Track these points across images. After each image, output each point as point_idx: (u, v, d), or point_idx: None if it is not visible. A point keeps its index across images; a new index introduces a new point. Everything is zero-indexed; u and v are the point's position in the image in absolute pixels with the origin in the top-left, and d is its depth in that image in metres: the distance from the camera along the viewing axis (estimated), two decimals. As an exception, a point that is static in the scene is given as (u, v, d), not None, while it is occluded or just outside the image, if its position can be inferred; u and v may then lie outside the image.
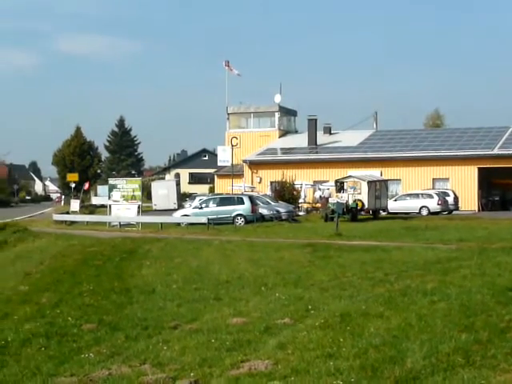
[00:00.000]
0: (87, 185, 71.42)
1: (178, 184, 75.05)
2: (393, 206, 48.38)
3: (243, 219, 42.54)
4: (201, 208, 44.59)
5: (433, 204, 48.31)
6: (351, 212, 42.81)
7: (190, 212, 45.34)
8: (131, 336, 11.81)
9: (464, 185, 54.60)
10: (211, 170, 77.03)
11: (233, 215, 42.89)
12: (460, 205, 51.82)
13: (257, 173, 62.41)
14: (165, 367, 9.50)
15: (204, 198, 49.06)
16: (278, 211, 45.39)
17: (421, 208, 48.13)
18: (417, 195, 50.12)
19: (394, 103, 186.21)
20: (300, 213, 51.09)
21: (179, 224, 43.50)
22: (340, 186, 45.99)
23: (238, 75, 70.63)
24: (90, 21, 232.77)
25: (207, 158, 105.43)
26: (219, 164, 66.60)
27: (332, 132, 67.19)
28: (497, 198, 56.77)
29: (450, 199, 50.47)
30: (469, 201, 53.69)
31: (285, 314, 12.74)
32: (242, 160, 62.65)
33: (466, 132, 61.69)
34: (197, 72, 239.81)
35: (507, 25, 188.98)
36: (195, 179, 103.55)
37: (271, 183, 57.57)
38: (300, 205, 53.87)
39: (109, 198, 46.56)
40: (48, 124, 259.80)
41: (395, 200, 49.74)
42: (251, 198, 44.72)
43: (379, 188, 46.48)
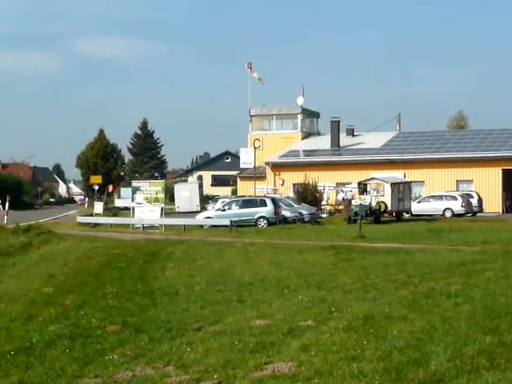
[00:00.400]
0: (111, 187, 71.70)
1: (201, 186, 75.18)
2: (416, 208, 48.17)
3: (266, 221, 42.53)
4: (223, 210, 44.63)
5: (457, 206, 48.06)
6: (374, 214, 42.65)
7: (213, 214, 45.40)
8: (155, 338, 11.84)
9: (488, 186, 54.25)
10: (234, 173, 77.11)
11: (255, 217, 42.87)
12: (484, 207, 51.55)
13: (279, 175, 62.38)
14: (188, 369, 9.52)
15: (227, 200, 49.10)
16: (301, 213, 45.34)
17: (444, 210, 47.90)
18: (440, 197, 49.87)
19: (418, 105, 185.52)
20: (323, 215, 51.00)
21: (202, 226, 43.58)
22: (363, 188, 45.85)
23: (260, 80, 70.60)
24: (113, 23, 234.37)
25: (230, 161, 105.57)
26: (242, 166, 66.70)
27: (355, 134, 67.02)
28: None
29: (474, 201, 50.19)
30: (493, 203, 53.35)
31: (308, 316, 12.72)
32: (265, 162, 62.66)
33: (490, 133, 61.31)
34: (219, 74, 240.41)
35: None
36: (218, 181, 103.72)
37: (294, 185, 57.52)
38: (323, 207, 53.77)
39: (132, 201, 46.70)
40: (72, 127, 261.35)
41: (419, 202, 49.54)
42: (274, 200, 44.69)
43: (402, 190, 46.29)
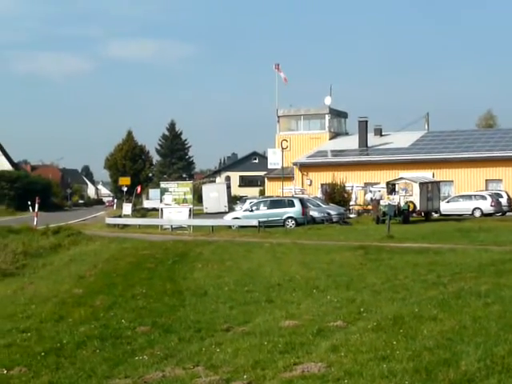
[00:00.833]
0: (139, 188, 72.01)
1: (229, 187, 75.28)
2: (445, 208, 47.86)
3: (294, 222, 42.50)
4: (251, 211, 44.64)
5: (486, 205, 47.69)
6: (403, 214, 42.46)
7: (241, 215, 45.45)
8: (184, 338, 11.86)
9: (517, 186, 53.81)
10: (261, 173, 77.14)
11: (283, 218, 42.85)
12: (513, 206, 51.13)
13: (307, 175, 62.31)
14: (218, 369, 9.52)
15: (255, 201, 49.12)
16: (329, 213, 45.26)
17: (474, 209, 47.53)
18: (469, 197, 49.50)
19: (446, 104, 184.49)
20: (351, 215, 50.89)
21: (230, 227, 43.64)
22: (391, 188, 45.71)
23: (285, 80, 70.56)
24: (141, 25, 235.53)
25: (257, 161, 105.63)
26: (269, 167, 66.72)
27: (383, 134, 66.76)
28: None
29: (504, 200, 49.76)
30: (522, 202, 52.87)
31: (337, 317, 12.69)
32: (293, 162, 62.61)
33: (520, 132, 60.85)
34: (247, 75, 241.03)
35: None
36: (245, 182, 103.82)
37: (322, 185, 57.46)
38: (351, 207, 53.65)
39: (160, 202, 46.91)
40: (100, 128, 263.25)
41: (447, 201, 49.20)
42: (302, 201, 44.64)
43: (431, 189, 46.06)
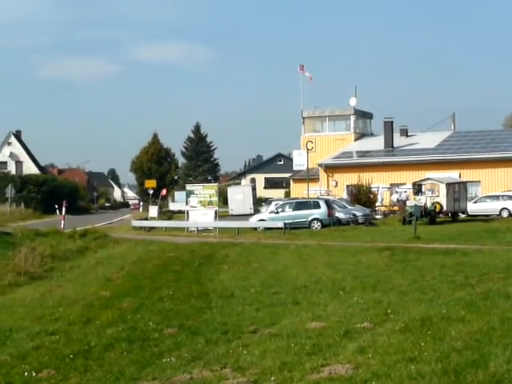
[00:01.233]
0: (164, 191, 72.24)
1: (254, 189, 75.36)
2: (472, 208, 47.52)
3: (320, 223, 42.44)
4: (277, 212, 44.62)
5: (513, 206, 47.33)
6: (429, 215, 42.25)
7: (267, 217, 45.44)
8: (211, 340, 11.88)
9: (545, 186, 53.30)
10: (286, 175, 77.02)
11: (309, 219, 42.80)
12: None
13: (332, 176, 62.14)
14: (245, 371, 9.53)
15: (280, 203, 49.08)
16: (355, 215, 45.14)
17: (501, 210, 47.12)
18: (497, 197, 49.08)
19: (473, 104, 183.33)
20: (377, 216, 50.73)
21: (256, 229, 43.64)
22: (418, 189, 45.51)
23: (310, 78, 70.46)
24: (166, 28, 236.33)
25: (282, 163, 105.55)
26: (295, 168, 66.60)
27: (409, 134, 66.38)
28: None
29: (532, 200, 49.33)
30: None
31: (364, 318, 12.66)
32: (318, 164, 62.47)
33: (547, 132, 60.35)
34: (271, 76, 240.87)
35: None
36: (271, 184, 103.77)
37: (347, 187, 57.33)
38: (377, 208, 53.47)
39: (186, 204, 47.07)
40: (126, 132, 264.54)
41: (475, 202, 48.81)
42: (327, 202, 44.58)
43: (458, 190, 45.77)
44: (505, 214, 46.54)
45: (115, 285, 20.97)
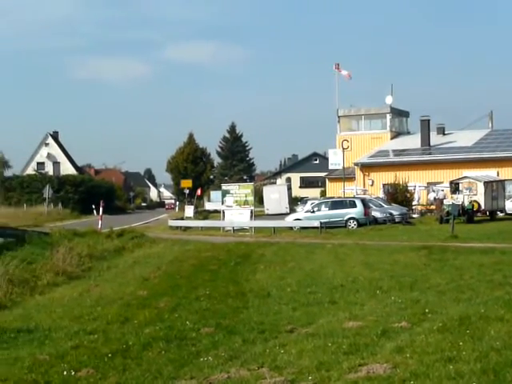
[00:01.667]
0: (199, 191, 72.50)
1: (290, 188, 75.23)
2: (510, 207, 47.08)
3: (356, 222, 42.31)
4: (313, 212, 44.56)
5: (552, 204, 46.83)
6: (467, 213, 41.92)
7: (302, 216, 45.40)
8: (248, 340, 11.88)
9: None
10: (322, 174, 76.89)
11: (345, 218, 42.69)
12: None
13: (369, 175, 61.88)
14: (282, 370, 9.51)
15: (316, 202, 49.00)
16: (392, 214, 44.91)
17: (540, 208, 46.71)
18: (535, 195, 48.67)
19: (510, 102, 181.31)
20: (414, 215, 50.42)
21: (291, 228, 43.62)
22: (455, 187, 45.19)
23: (349, 76, 70.18)
24: (200, 28, 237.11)
25: (318, 162, 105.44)
26: (330, 167, 66.43)
27: (446, 132, 65.94)
28: None
29: None
30: None
31: (401, 318, 12.59)
32: (354, 163, 62.28)
33: None
34: (306, 75, 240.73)
35: None
36: (306, 183, 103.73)
37: (384, 185, 57.03)
38: (414, 207, 53.15)
39: (222, 204, 47.17)
40: (162, 132, 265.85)
41: (513, 200, 48.44)
42: (363, 201, 44.42)
43: (496, 188, 45.37)
44: (544, 213, 46.07)
45: (152, 284, 21.07)
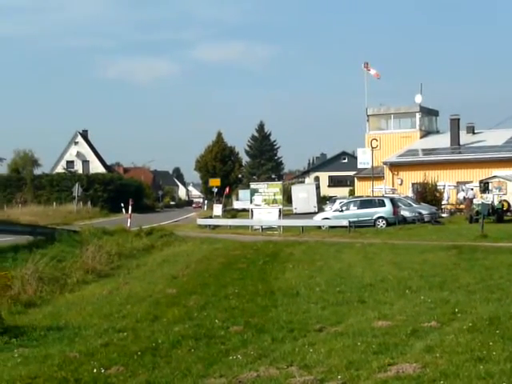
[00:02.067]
0: (228, 189, 72.62)
1: (318, 187, 75.12)
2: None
3: (385, 222, 42.15)
4: (341, 211, 44.46)
5: None
6: (497, 213, 41.59)
7: (331, 215, 45.31)
8: (277, 338, 11.89)
9: None
10: (351, 173, 76.73)
11: (374, 218, 42.55)
12: None
13: (398, 174, 61.68)
14: (312, 369, 9.52)
15: (344, 201, 48.89)
16: (421, 213, 44.68)
17: None
18: None
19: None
20: (443, 214, 50.13)
21: (320, 227, 43.55)
22: (485, 187, 44.86)
23: (377, 75, 69.97)
24: (229, 27, 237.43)
25: (346, 161, 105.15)
26: (359, 166, 66.23)
27: (475, 131, 65.51)
28: None
29: None
30: None
31: (431, 318, 12.55)
32: (383, 162, 62.07)
33: None
34: (335, 74, 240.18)
35: None
36: (335, 182, 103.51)
37: (413, 185, 56.76)
38: (443, 206, 52.85)
39: (251, 202, 47.21)
40: (190, 130, 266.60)
41: (543, 200, 47.91)
42: (392, 200, 44.24)
43: (526, 188, 44.95)
44: None
45: (181, 282, 21.13)
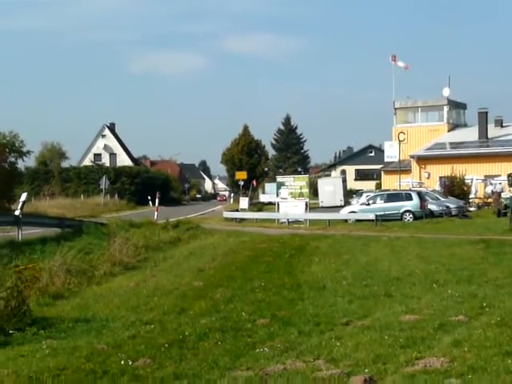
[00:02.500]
0: (255, 182, 72.66)
1: (344, 181, 74.98)
2: None
3: (412, 215, 42.02)
4: (368, 204, 44.37)
5: None
6: (525, 207, 41.30)
7: (357, 208, 45.24)
8: (304, 331, 11.88)
9: None
10: (377, 166, 76.49)
11: (401, 211, 42.42)
12: None
13: (425, 168, 61.40)
14: (338, 363, 9.49)
15: (371, 195, 48.79)
16: (448, 207, 44.48)
17: None
18: None
19: None
20: (471, 208, 49.83)
21: (346, 220, 43.50)
22: (513, 180, 44.56)
23: (405, 68, 69.67)
24: (256, 19, 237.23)
25: (373, 154, 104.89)
26: (386, 160, 66.07)
27: (504, 125, 65.01)
28: None
29: None
30: None
31: (458, 312, 12.47)
32: (410, 155, 61.80)
33: None
34: (362, 67, 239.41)
35: None
36: (361, 175, 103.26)
37: (440, 178, 56.50)
38: (471, 200, 52.54)
39: (277, 196, 47.22)
40: (217, 124, 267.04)
41: None
42: (420, 194, 44.09)
43: (555, 181, 44.59)
44: None
45: (208, 275, 21.17)
